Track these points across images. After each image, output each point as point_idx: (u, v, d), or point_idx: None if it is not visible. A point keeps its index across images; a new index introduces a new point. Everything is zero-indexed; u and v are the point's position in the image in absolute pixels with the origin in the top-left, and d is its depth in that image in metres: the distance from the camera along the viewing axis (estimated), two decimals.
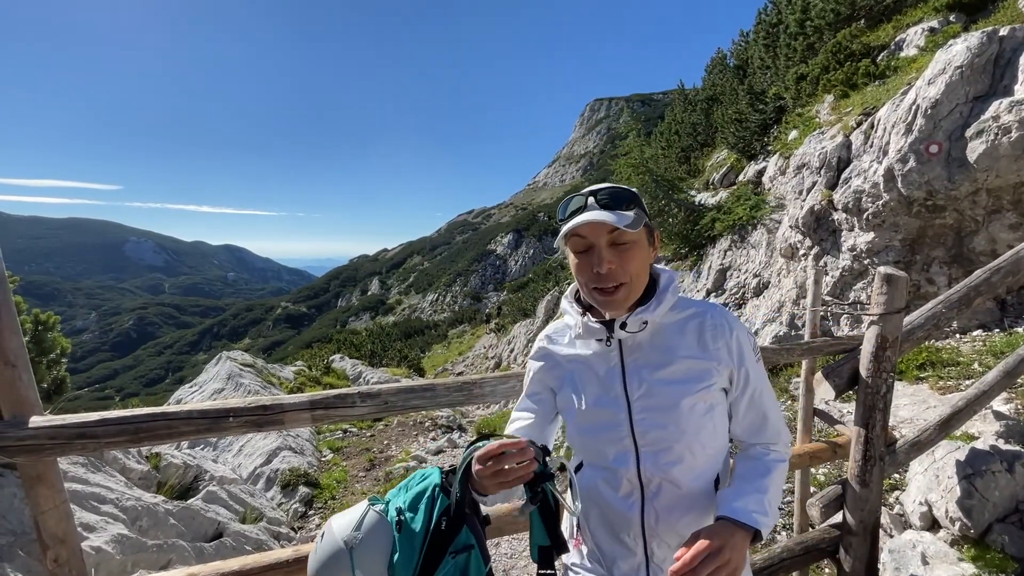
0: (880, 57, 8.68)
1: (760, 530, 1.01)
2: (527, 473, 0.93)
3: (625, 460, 1.12)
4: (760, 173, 10.54)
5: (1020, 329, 4.91)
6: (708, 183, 13.34)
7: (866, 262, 6.12)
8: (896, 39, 8.65)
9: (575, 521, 1.23)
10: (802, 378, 2.91)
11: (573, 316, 1.18)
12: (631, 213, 1.04)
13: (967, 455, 2.52)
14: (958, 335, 5.30)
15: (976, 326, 5.31)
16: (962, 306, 2.22)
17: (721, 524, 1.00)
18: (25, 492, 1.32)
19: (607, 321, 1.13)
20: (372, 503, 1.05)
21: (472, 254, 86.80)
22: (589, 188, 1.09)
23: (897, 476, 3.24)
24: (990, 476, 2.38)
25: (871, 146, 6.19)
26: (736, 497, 1.05)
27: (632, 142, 12.47)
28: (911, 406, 3.99)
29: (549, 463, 1.00)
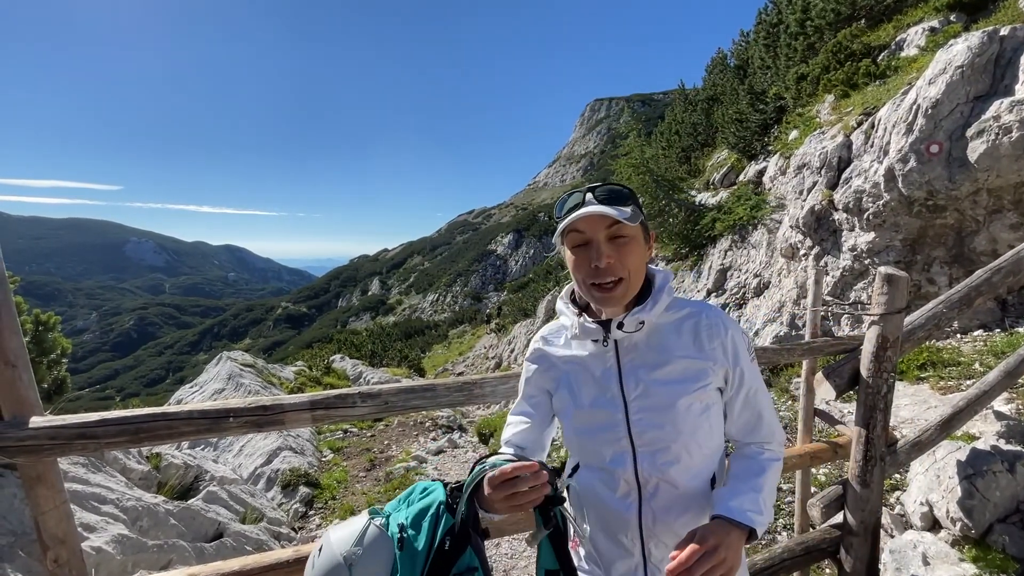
0: (881, 57, 8.67)
1: (755, 529, 1.01)
2: (539, 497, 0.92)
3: (622, 461, 1.12)
4: (760, 173, 10.53)
5: (1021, 329, 4.91)
6: (708, 183, 13.33)
7: (867, 262, 6.12)
8: (897, 39, 8.65)
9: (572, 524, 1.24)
10: (803, 378, 2.90)
11: (569, 316, 1.18)
12: (629, 209, 1.04)
13: (968, 455, 2.52)
14: (959, 335, 5.29)
15: (977, 326, 5.31)
16: (963, 306, 2.22)
17: (716, 523, 1.00)
18: (25, 492, 1.32)
19: (603, 321, 1.13)
20: (372, 516, 1.02)
21: (472, 254, 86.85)
22: (587, 186, 1.09)
23: (898, 476, 3.24)
24: (991, 476, 2.38)
25: (872, 146, 6.18)
26: (731, 496, 1.05)
27: (632, 142, 12.46)
28: (912, 406, 3.99)
29: (559, 485, 0.99)
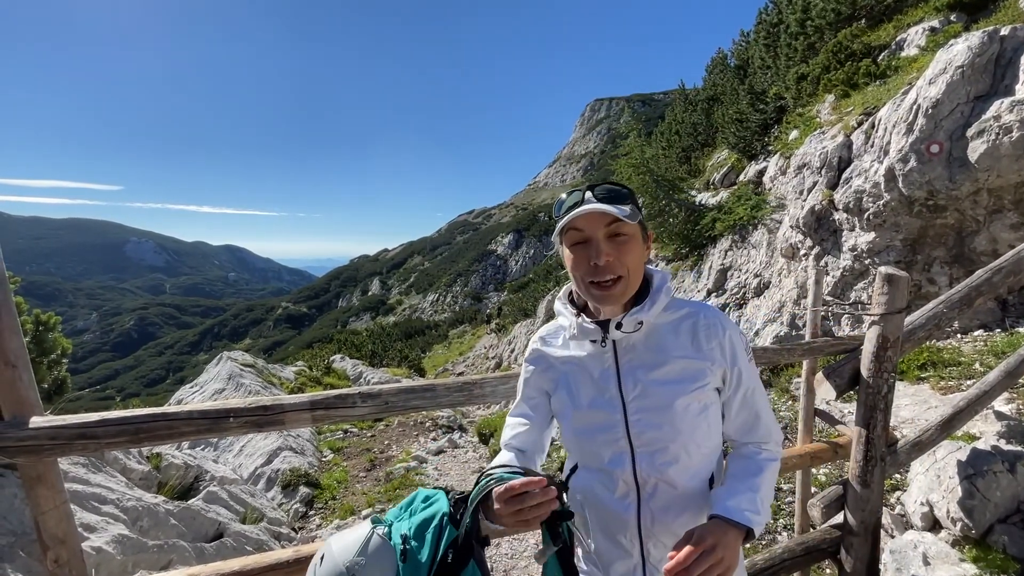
0: (881, 57, 8.67)
1: (752, 528, 1.01)
2: (546, 513, 0.92)
3: (621, 461, 1.12)
4: (761, 173, 10.53)
5: (1021, 329, 4.90)
6: (709, 183, 13.33)
7: (867, 262, 6.12)
8: (897, 39, 8.64)
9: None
10: (803, 378, 2.90)
11: (567, 317, 1.17)
12: (628, 207, 1.05)
13: (968, 455, 2.52)
14: (959, 335, 5.29)
15: (977, 326, 5.31)
16: (963, 306, 2.22)
17: (714, 523, 1.00)
18: (25, 493, 1.32)
19: (601, 322, 1.13)
20: (375, 524, 1.01)
21: (473, 254, 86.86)
22: (586, 184, 1.09)
23: (898, 476, 3.24)
24: (991, 476, 2.38)
25: (872, 146, 6.18)
26: (729, 496, 1.06)
27: (633, 142, 12.45)
28: (912, 406, 3.99)
29: (567, 500, 0.99)
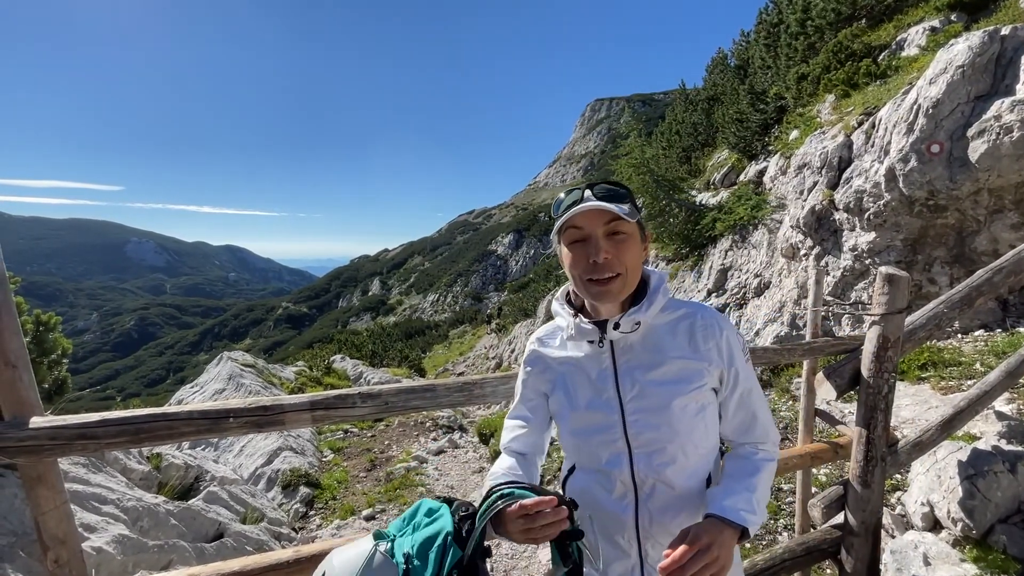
0: (881, 57, 8.66)
1: (748, 528, 1.02)
2: (556, 532, 0.92)
3: (618, 462, 1.12)
4: (761, 173, 10.52)
5: (1022, 329, 4.90)
6: (709, 183, 13.32)
7: (867, 262, 6.11)
8: (897, 38, 8.64)
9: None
10: (803, 378, 2.91)
11: (565, 317, 1.18)
12: (627, 206, 1.05)
13: (969, 455, 2.51)
14: (960, 335, 5.28)
15: (978, 326, 5.30)
16: (964, 306, 2.21)
17: (710, 522, 1.00)
18: (26, 493, 1.32)
19: (599, 322, 1.13)
20: (377, 540, 1.00)
21: (473, 254, 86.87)
22: (585, 183, 1.09)
23: (899, 476, 3.24)
24: (992, 476, 2.37)
25: (872, 146, 6.18)
26: (725, 495, 1.06)
27: (633, 142, 12.45)
28: (913, 406, 3.99)
29: (577, 519, 0.98)
